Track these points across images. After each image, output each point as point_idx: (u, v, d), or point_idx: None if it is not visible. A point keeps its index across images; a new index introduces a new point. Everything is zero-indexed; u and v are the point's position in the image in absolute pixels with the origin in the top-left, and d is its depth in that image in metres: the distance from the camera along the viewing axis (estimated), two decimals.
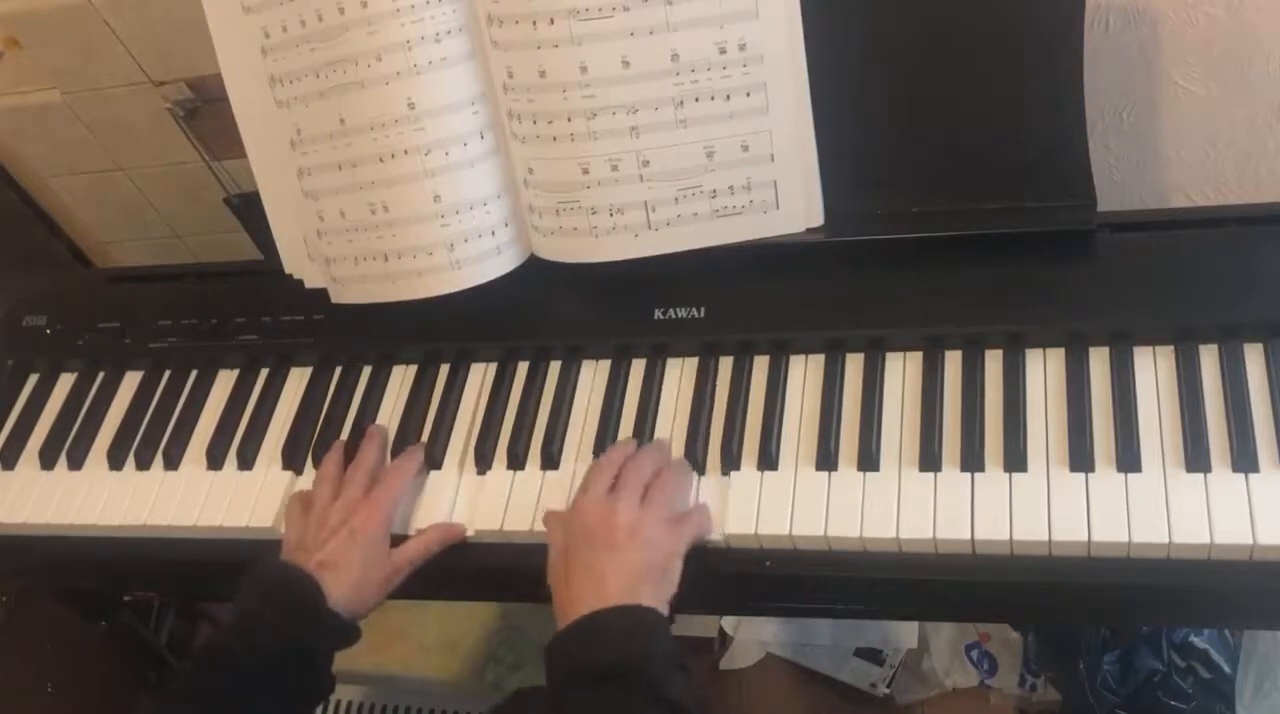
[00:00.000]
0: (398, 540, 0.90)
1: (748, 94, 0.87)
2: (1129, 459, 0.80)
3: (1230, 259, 0.86)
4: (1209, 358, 0.84)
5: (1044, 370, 0.87)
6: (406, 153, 0.91)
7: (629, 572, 0.80)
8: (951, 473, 0.83)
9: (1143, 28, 0.96)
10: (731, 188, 0.91)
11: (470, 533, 0.91)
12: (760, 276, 0.94)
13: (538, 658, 0.80)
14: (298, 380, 1.05)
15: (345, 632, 0.86)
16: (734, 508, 0.86)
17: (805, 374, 0.92)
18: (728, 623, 1.52)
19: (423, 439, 0.97)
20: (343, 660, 0.87)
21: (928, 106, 0.88)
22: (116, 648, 1.43)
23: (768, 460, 0.87)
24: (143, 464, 1.02)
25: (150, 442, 1.03)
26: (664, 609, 0.80)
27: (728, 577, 0.87)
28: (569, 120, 0.89)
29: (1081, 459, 0.81)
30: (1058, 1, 0.83)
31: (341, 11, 0.88)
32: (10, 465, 1.06)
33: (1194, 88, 0.99)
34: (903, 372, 0.90)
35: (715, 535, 0.85)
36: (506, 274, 0.96)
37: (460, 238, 0.93)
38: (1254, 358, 0.83)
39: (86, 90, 1.13)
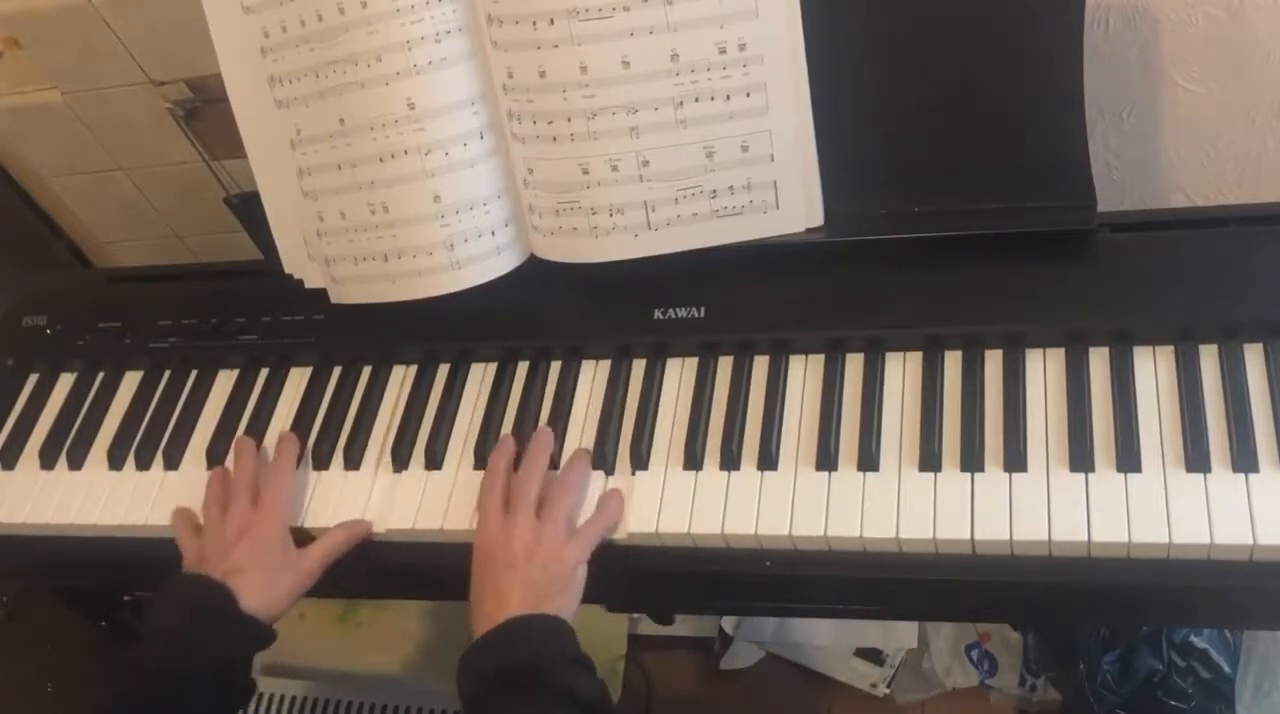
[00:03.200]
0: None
1: (748, 94, 0.87)
2: (1129, 459, 0.81)
3: (1230, 259, 0.86)
4: (1209, 358, 0.84)
5: (1044, 370, 0.87)
6: (406, 153, 0.91)
7: (531, 588, 0.83)
8: (951, 473, 0.83)
9: (1143, 28, 0.96)
10: (731, 188, 0.91)
11: (380, 531, 0.92)
12: (760, 276, 0.94)
13: None
14: (298, 380, 1.05)
15: (260, 633, 0.87)
16: (734, 508, 0.86)
17: (805, 374, 0.92)
18: (728, 623, 1.52)
19: (422, 439, 0.97)
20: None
21: (928, 106, 0.88)
22: (116, 648, 1.43)
23: (768, 460, 0.87)
24: (143, 464, 1.02)
25: (150, 442, 1.03)
26: (568, 616, 0.83)
27: (728, 577, 0.87)
28: (569, 120, 0.89)
29: (1081, 459, 0.81)
30: (1058, 2, 0.83)
31: (341, 11, 0.88)
32: (10, 465, 1.06)
33: (1194, 88, 0.99)
34: (903, 372, 0.90)
35: (714, 530, 0.85)
36: (506, 274, 0.96)
37: (460, 238, 0.93)
38: (1254, 358, 0.83)
39: (86, 90, 1.13)
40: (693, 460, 0.89)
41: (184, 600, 0.88)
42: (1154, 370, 0.85)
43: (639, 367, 0.96)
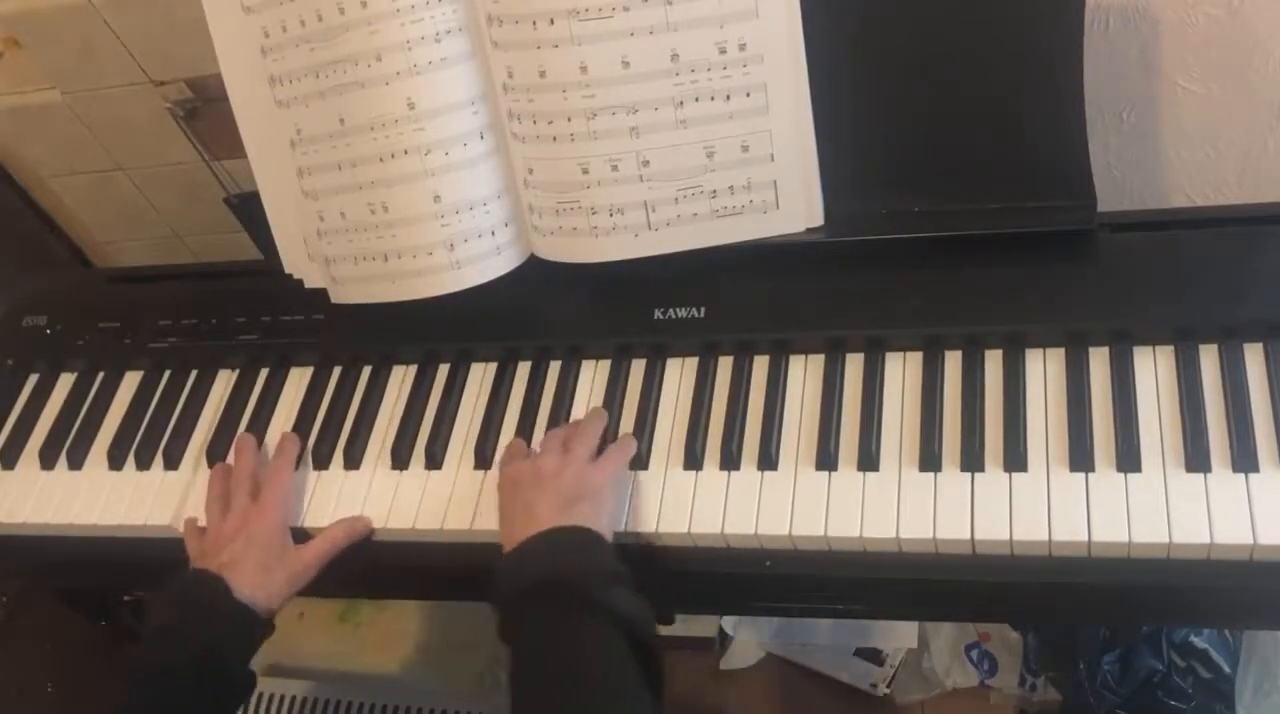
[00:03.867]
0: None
1: (748, 94, 0.87)
2: (1129, 459, 0.81)
3: (1230, 259, 0.86)
4: (1209, 358, 0.84)
5: (1044, 370, 0.87)
6: (406, 153, 0.91)
7: (558, 501, 0.83)
8: (951, 473, 0.83)
9: (1143, 28, 0.96)
10: (731, 188, 0.91)
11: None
12: (760, 276, 0.94)
13: None
14: (298, 380, 1.05)
15: (253, 624, 0.87)
16: (734, 508, 0.86)
17: (805, 374, 0.92)
18: (728, 623, 1.52)
19: (422, 439, 0.97)
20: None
21: (928, 107, 0.88)
22: (116, 648, 1.43)
23: (768, 460, 0.87)
24: (143, 464, 1.02)
25: (150, 441, 1.03)
26: (605, 533, 0.83)
27: (728, 577, 0.87)
28: (569, 120, 0.89)
29: (1081, 459, 0.81)
30: (1058, 2, 0.83)
31: (341, 11, 0.88)
32: (10, 465, 1.06)
33: (1194, 88, 0.99)
34: (903, 372, 0.90)
35: (714, 530, 0.85)
36: (506, 274, 0.96)
37: (460, 238, 0.93)
38: (1254, 358, 0.83)
39: (86, 90, 1.13)
40: (693, 460, 0.89)
41: (178, 594, 0.88)
42: (1154, 370, 0.85)
43: (639, 366, 0.96)
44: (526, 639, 0.77)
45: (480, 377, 1.00)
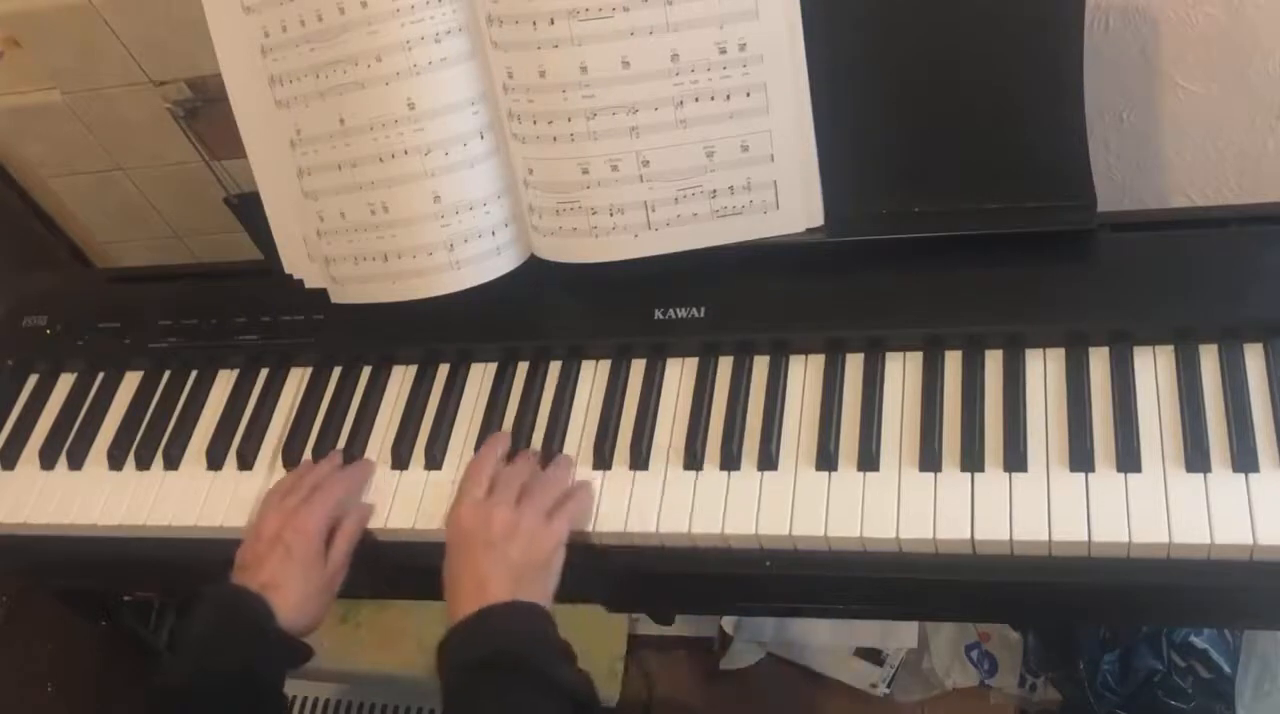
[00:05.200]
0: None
1: (748, 94, 0.87)
2: (1129, 459, 0.81)
3: (1230, 259, 0.86)
4: (1209, 358, 0.84)
5: (1044, 370, 0.87)
6: (406, 153, 0.91)
7: (509, 570, 0.82)
8: (951, 473, 0.83)
9: (1143, 28, 0.96)
10: (731, 188, 0.91)
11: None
12: (760, 276, 0.94)
13: None
14: (298, 380, 1.05)
15: (296, 649, 0.86)
16: (734, 508, 0.86)
17: (805, 374, 0.92)
18: (728, 623, 1.52)
19: (422, 439, 0.97)
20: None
21: (928, 106, 0.88)
22: (116, 648, 1.43)
23: (768, 460, 0.87)
24: (143, 464, 1.02)
25: (150, 442, 1.03)
26: (547, 603, 0.82)
27: (728, 577, 0.87)
28: (569, 120, 0.89)
29: (1081, 459, 0.81)
30: (1058, 1, 0.83)
31: (341, 11, 0.88)
32: (10, 465, 1.06)
33: (1194, 88, 0.99)
34: (903, 372, 0.90)
35: (714, 530, 0.85)
36: (506, 274, 0.96)
37: (460, 238, 0.93)
38: (1254, 358, 0.83)
39: (86, 90, 1.13)
40: (693, 460, 0.89)
41: (220, 611, 0.86)
42: (1154, 370, 0.85)
43: (639, 366, 0.96)
44: (481, 710, 0.77)
45: (480, 377, 1.00)
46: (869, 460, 0.85)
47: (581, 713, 0.77)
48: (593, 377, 0.97)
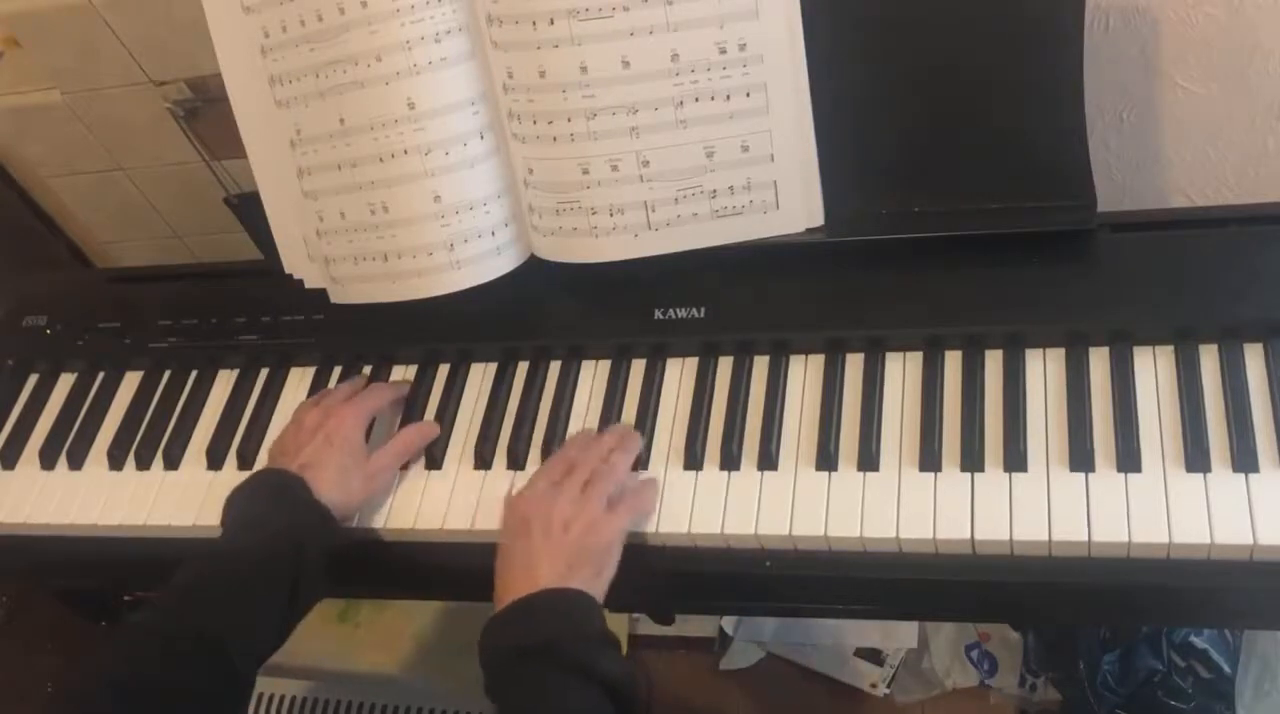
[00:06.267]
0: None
1: (748, 94, 0.87)
2: (1129, 459, 0.81)
3: (1230, 259, 0.86)
4: (1209, 358, 0.84)
5: (1044, 370, 0.87)
6: (406, 153, 0.91)
7: (562, 558, 0.81)
8: (951, 473, 0.83)
9: (1143, 28, 0.96)
10: (731, 188, 0.91)
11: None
12: (760, 276, 0.94)
13: None
14: (298, 380, 1.05)
15: (333, 526, 0.88)
16: (734, 508, 0.86)
17: (805, 374, 0.92)
18: (728, 623, 1.52)
19: None
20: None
21: (928, 106, 0.88)
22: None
23: (768, 460, 0.87)
24: (143, 464, 1.03)
25: (150, 442, 1.03)
26: (599, 595, 0.82)
27: (728, 577, 0.87)
28: (569, 120, 0.89)
29: (1081, 459, 0.81)
30: (1058, 1, 0.83)
31: (341, 11, 0.88)
32: (10, 465, 1.06)
33: (1194, 88, 0.99)
34: (903, 372, 0.90)
35: (714, 530, 0.85)
36: (506, 274, 0.96)
37: (460, 238, 0.93)
38: (1254, 358, 0.83)
39: (86, 90, 1.13)
40: (693, 460, 0.89)
41: (254, 488, 0.89)
42: (1154, 370, 0.85)
43: (639, 366, 0.96)
44: (515, 696, 0.77)
45: (480, 377, 1.00)
46: (869, 460, 0.85)
47: (622, 705, 0.76)
48: (593, 376, 0.97)
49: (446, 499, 0.93)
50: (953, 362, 0.89)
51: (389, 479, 0.93)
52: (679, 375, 0.95)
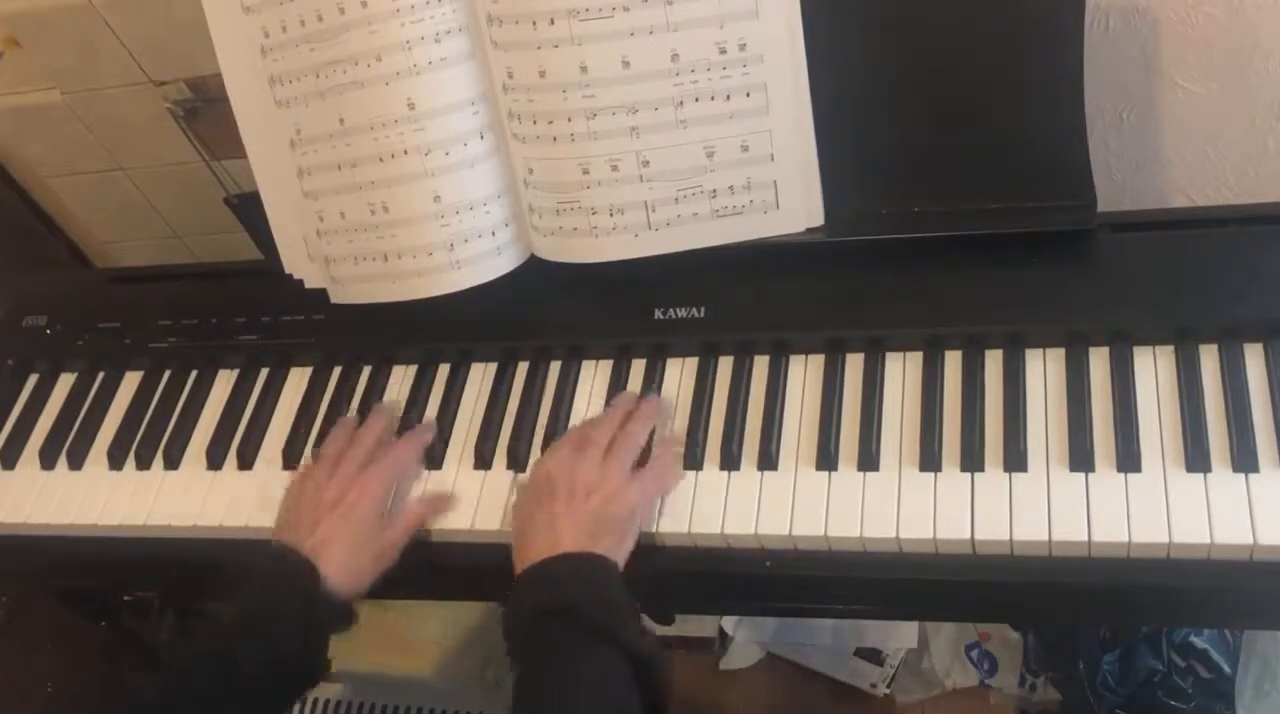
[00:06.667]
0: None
1: (748, 94, 0.87)
2: (1129, 459, 0.80)
3: (1230, 259, 0.86)
4: (1209, 358, 0.84)
5: (1044, 370, 0.87)
6: (406, 153, 0.91)
7: (585, 523, 0.82)
8: (951, 473, 0.83)
9: (1143, 28, 0.96)
10: (731, 188, 0.91)
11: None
12: (760, 276, 0.94)
13: None
14: (298, 380, 1.05)
15: (341, 614, 0.86)
16: (734, 508, 0.86)
17: (805, 374, 0.92)
18: (728, 623, 1.52)
19: None
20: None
21: (928, 106, 0.88)
22: (116, 648, 1.43)
23: (768, 460, 0.87)
24: (143, 464, 1.02)
25: (150, 441, 1.03)
26: (620, 564, 0.82)
27: (728, 576, 0.87)
28: (569, 120, 0.89)
29: (1081, 459, 0.81)
30: (1058, 2, 0.83)
31: (341, 11, 0.88)
32: (10, 465, 1.06)
33: (1194, 88, 0.99)
34: (903, 372, 0.90)
35: (714, 530, 0.85)
36: (506, 274, 0.96)
37: (460, 238, 0.93)
38: (1254, 358, 0.83)
39: (86, 90, 1.13)
40: (692, 460, 0.89)
41: (269, 573, 0.86)
42: (1154, 370, 0.85)
43: (639, 367, 0.96)
44: (536, 657, 0.77)
45: (480, 377, 1.00)
46: (869, 460, 0.85)
47: (642, 672, 0.76)
48: (593, 376, 0.97)
49: (447, 500, 0.93)
50: (953, 362, 0.89)
51: (398, 553, 0.90)
52: (679, 375, 0.95)
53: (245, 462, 1.00)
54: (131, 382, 1.09)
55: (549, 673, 0.76)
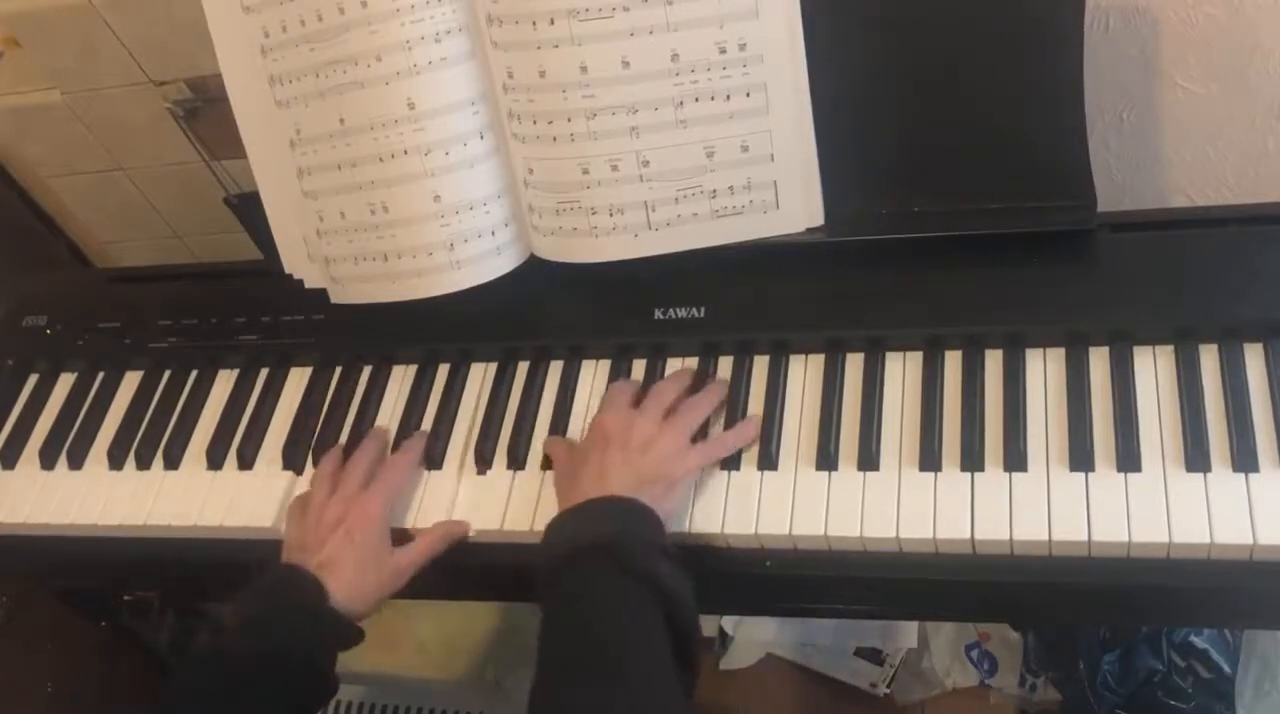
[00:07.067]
0: (398, 539, 0.90)
1: (748, 94, 0.87)
2: (1129, 459, 0.80)
3: (1230, 259, 0.86)
4: (1209, 358, 0.84)
5: (1044, 370, 0.87)
6: (406, 153, 0.91)
7: (634, 474, 0.82)
8: (951, 473, 0.83)
9: (1143, 28, 0.96)
10: (731, 188, 0.91)
11: (471, 532, 0.91)
12: (760, 276, 0.94)
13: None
14: (298, 380, 1.05)
15: (348, 632, 0.86)
16: (734, 508, 0.86)
17: (805, 374, 0.92)
18: (728, 623, 1.52)
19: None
20: (343, 660, 0.87)
21: (928, 106, 0.88)
22: (116, 648, 1.43)
23: (768, 460, 0.87)
24: (143, 464, 1.02)
25: (150, 441, 1.03)
26: (664, 517, 0.82)
27: (728, 576, 0.87)
28: (569, 120, 0.89)
29: (1081, 459, 0.81)
30: (1058, 2, 0.83)
31: (341, 11, 0.88)
32: (10, 465, 1.06)
33: (1194, 88, 0.99)
34: (903, 372, 0.90)
35: (713, 530, 0.86)
36: (506, 274, 0.96)
37: (460, 238, 0.93)
38: (1254, 358, 0.83)
39: (86, 90, 1.13)
40: None
41: (272, 591, 0.86)
42: (1154, 370, 0.85)
43: (639, 367, 0.96)
44: (565, 588, 0.77)
45: (480, 377, 1.00)
46: (869, 460, 0.85)
47: (675, 612, 0.76)
48: (593, 376, 0.97)
49: (448, 500, 0.93)
50: (953, 361, 0.89)
51: (408, 581, 0.89)
52: None
53: (245, 462, 1.00)
54: (131, 381, 1.09)
55: (574, 605, 0.76)
